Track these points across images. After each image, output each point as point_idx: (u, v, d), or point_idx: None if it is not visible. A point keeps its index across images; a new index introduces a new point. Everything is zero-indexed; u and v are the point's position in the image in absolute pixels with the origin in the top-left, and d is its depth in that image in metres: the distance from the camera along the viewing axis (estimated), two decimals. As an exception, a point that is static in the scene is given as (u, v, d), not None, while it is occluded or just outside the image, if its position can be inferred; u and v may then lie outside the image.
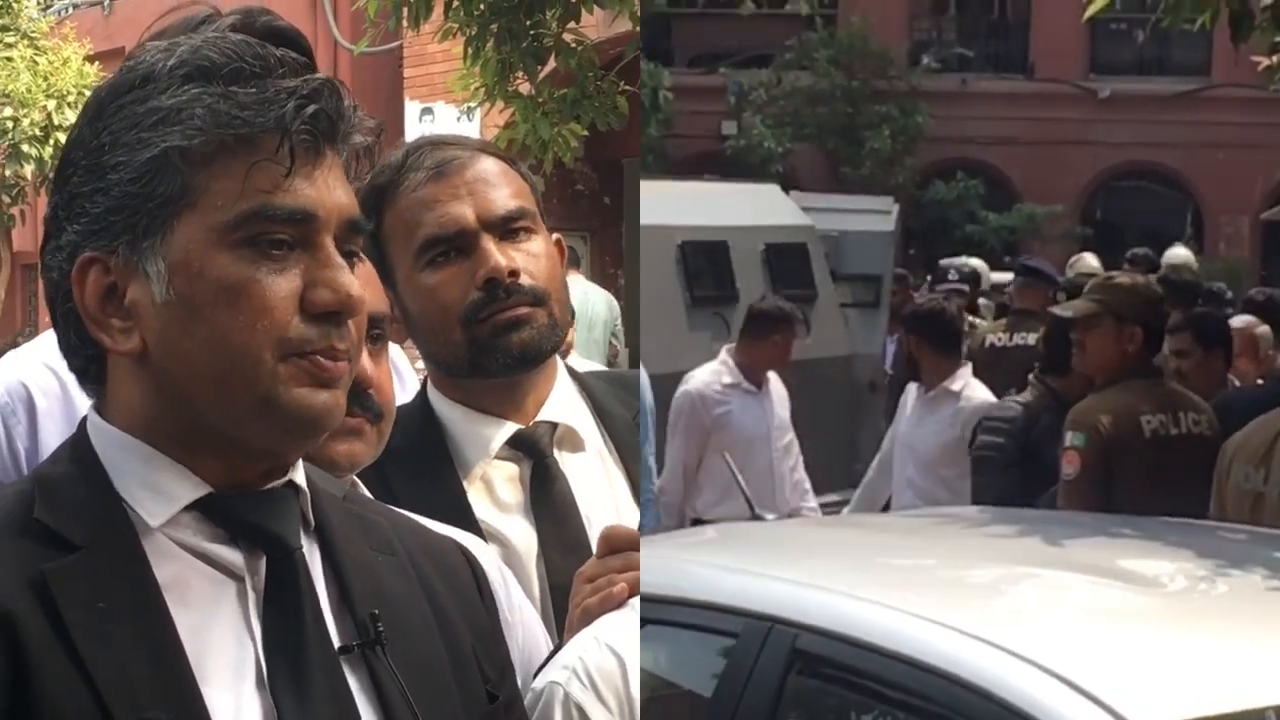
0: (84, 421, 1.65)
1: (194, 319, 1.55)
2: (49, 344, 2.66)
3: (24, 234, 16.91)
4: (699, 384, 6.92)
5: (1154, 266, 10.34)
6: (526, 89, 8.66)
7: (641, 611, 2.17)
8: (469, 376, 2.54)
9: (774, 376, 7.05)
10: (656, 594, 2.95)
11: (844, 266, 10.67)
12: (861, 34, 23.92)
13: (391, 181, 2.53)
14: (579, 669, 2.06)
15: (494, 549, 2.35)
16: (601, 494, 2.56)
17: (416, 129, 13.80)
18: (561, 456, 2.56)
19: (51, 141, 14.73)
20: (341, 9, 15.09)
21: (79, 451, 1.62)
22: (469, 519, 2.44)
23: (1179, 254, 11.51)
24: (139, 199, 1.56)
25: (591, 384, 2.67)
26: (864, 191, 17.38)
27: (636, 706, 2.06)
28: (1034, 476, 5.50)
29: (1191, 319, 6.51)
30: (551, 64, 8.64)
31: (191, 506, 1.58)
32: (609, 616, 2.15)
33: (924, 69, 24.44)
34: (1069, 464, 4.97)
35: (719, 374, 6.94)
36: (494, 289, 2.48)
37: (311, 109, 1.57)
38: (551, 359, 2.58)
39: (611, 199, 15.88)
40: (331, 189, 1.60)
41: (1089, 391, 5.26)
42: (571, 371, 2.68)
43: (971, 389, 6.76)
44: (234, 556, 1.59)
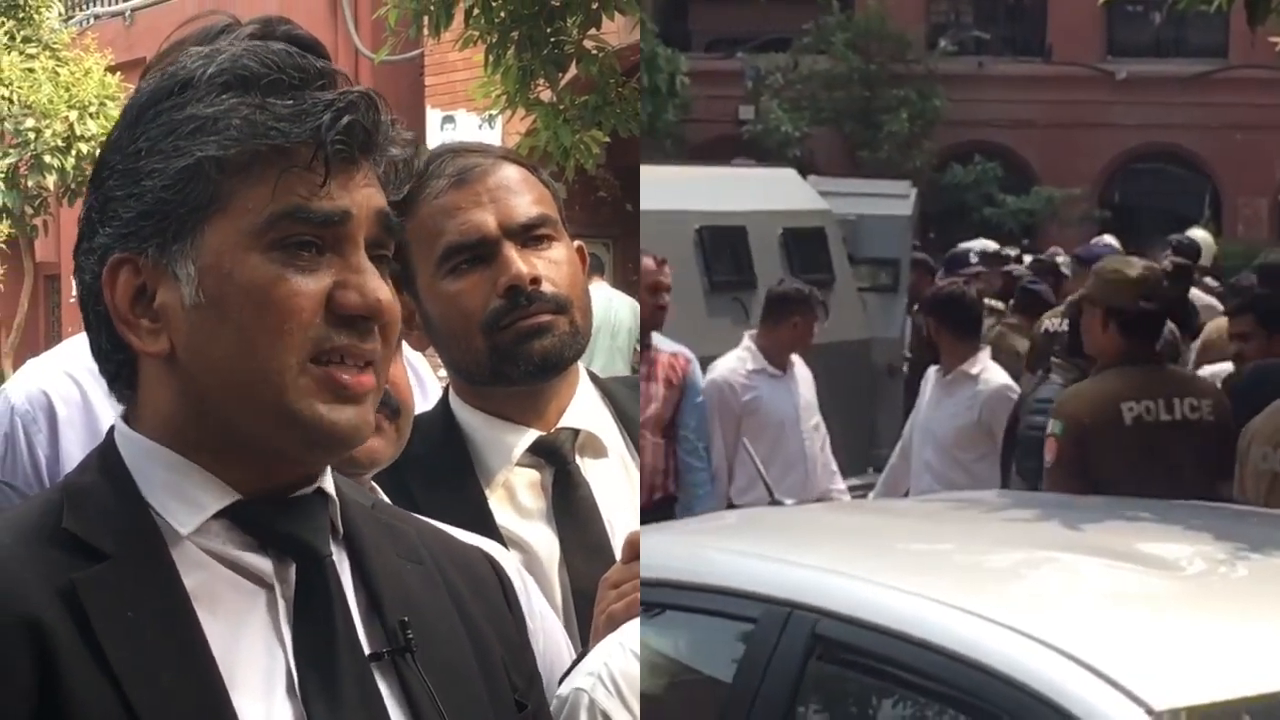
0: (112, 430, 1.65)
1: (222, 322, 1.55)
2: (70, 352, 2.67)
3: (47, 244, 16.83)
4: (724, 371, 6.91)
5: (1195, 253, 10.28)
6: (548, 96, 8.64)
7: (661, 597, 2.17)
8: (491, 384, 2.53)
9: (798, 359, 7.04)
10: (676, 579, 2.96)
11: (862, 250, 10.67)
12: (879, 17, 23.90)
13: (413, 189, 2.51)
14: (604, 675, 2.06)
15: (514, 555, 2.35)
16: (624, 499, 2.55)
17: (438, 137, 13.76)
18: (584, 462, 2.55)
19: (73, 152, 14.65)
20: (362, 17, 15.03)
21: (107, 460, 1.62)
22: (490, 526, 2.43)
23: (1198, 235, 11.48)
24: (171, 204, 1.56)
25: (614, 389, 2.65)
26: (881, 175, 17.35)
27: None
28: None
29: (1254, 301, 6.46)
30: (573, 71, 8.61)
31: (220, 514, 1.58)
32: (634, 622, 2.16)
33: (941, 52, 24.42)
34: (1049, 451, 4.95)
35: (743, 360, 6.94)
36: (516, 296, 2.47)
37: (346, 120, 1.57)
38: (574, 366, 2.57)
39: (634, 206, 15.83)
40: (364, 194, 1.60)
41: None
42: (594, 377, 2.67)
43: (990, 372, 6.76)
44: (263, 564, 1.59)
